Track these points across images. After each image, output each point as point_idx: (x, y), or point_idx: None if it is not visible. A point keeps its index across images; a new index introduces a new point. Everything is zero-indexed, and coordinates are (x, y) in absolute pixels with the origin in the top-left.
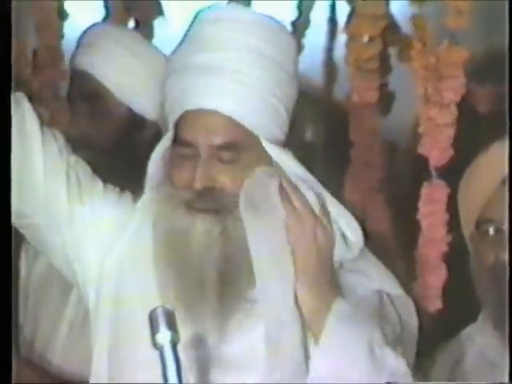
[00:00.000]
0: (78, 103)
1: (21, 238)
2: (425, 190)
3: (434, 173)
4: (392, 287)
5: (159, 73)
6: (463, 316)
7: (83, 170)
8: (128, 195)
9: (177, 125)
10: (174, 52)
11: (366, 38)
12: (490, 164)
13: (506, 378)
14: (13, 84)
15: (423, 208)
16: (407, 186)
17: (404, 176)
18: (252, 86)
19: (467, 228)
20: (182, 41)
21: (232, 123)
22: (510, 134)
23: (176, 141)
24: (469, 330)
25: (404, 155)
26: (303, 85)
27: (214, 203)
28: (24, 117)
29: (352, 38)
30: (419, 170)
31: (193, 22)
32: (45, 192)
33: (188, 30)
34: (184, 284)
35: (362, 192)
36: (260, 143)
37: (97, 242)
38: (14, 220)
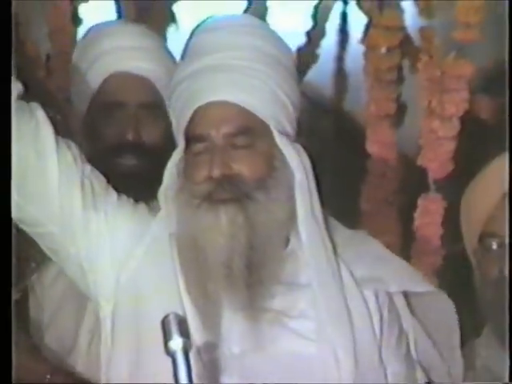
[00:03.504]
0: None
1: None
2: (421, 202)
3: (432, 185)
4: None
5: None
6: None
7: (98, 179)
8: (143, 206)
9: (188, 125)
10: (178, 64)
11: (384, 49)
12: (494, 178)
13: (506, 378)
14: (14, 86)
15: (418, 220)
16: (410, 198)
17: (408, 188)
18: (258, 78)
19: (470, 242)
20: (184, 53)
21: (242, 111)
22: (511, 147)
23: (189, 142)
24: (472, 344)
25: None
26: (315, 94)
27: (233, 191)
28: (38, 126)
29: (370, 49)
30: (419, 182)
31: (192, 34)
32: (59, 200)
33: (188, 42)
34: (213, 277)
35: (376, 203)
36: (271, 133)
37: (112, 252)
38: (29, 229)
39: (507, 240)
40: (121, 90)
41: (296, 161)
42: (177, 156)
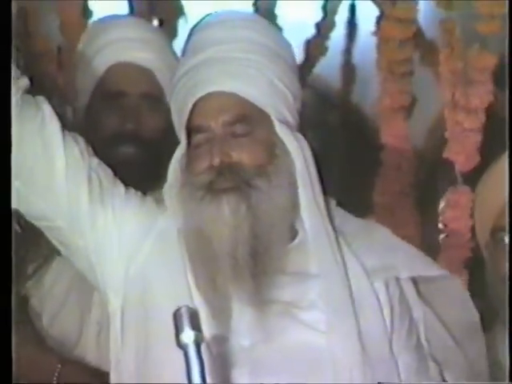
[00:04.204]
0: (130, 98)
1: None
2: (450, 195)
3: (459, 178)
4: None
5: None
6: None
7: (105, 172)
8: (150, 199)
9: (189, 118)
10: (178, 63)
11: (397, 42)
12: (504, 172)
13: (506, 378)
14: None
15: (448, 213)
16: (430, 191)
17: (427, 181)
18: (255, 68)
19: (482, 236)
20: (183, 51)
21: (240, 100)
22: (511, 144)
23: (190, 136)
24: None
25: (425, 160)
26: (323, 86)
27: (234, 179)
28: (45, 120)
29: (383, 41)
30: (441, 175)
31: (190, 32)
32: (67, 194)
33: (187, 40)
34: (220, 269)
35: (391, 195)
36: (271, 122)
37: (120, 245)
38: (37, 222)
39: (507, 239)
40: (123, 79)
41: (296, 149)
42: (179, 152)
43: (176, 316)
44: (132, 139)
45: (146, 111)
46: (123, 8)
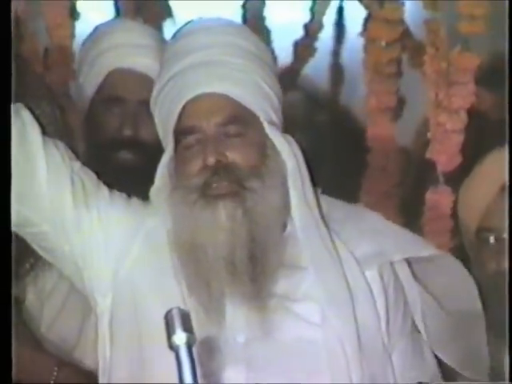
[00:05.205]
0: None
1: None
2: (430, 195)
3: (441, 178)
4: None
5: None
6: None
7: (88, 175)
8: (136, 201)
9: (178, 121)
10: (159, 72)
11: (384, 42)
12: (489, 172)
13: (507, 378)
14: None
15: (428, 213)
16: (415, 191)
17: (412, 181)
18: (241, 71)
19: (467, 236)
20: (165, 59)
21: (231, 101)
22: (510, 141)
23: (178, 139)
24: None
25: (412, 160)
26: (311, 88)
27: (229, 179)
28: (25, 126)
29: (370, 42)
30: (426, 175)
31: (171, 40)
32: (50, 199)
33: (169, 47)
34: (215, 273)
35: (376, 195)
36: (260, 123)
37: (106, 247)
38: (20, 229)
39: (506, 235)
40: (121, 86)
41: (287, 149)
42: (167, 156)
43: (167, 318)
44: (130, 145)
45: (145, 117)
46: (109, 8)
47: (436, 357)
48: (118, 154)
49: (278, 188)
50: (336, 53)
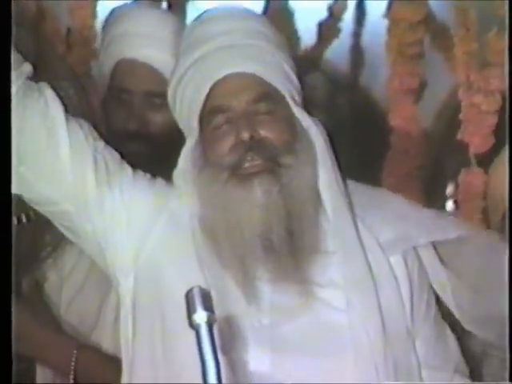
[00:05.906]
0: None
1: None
2: (463, 177)
3: (473, 160)
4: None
5: None
6: None
7: (111, 155)
8: (161, 181)
9: (205, 102)
10: (178, 60)
11: (407, 23)
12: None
13: (507, 378)
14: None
15: (460, 194)
16: (438, 173)
17: (434, 163)
18: (265, 53)
19: (494, 218)
20: (184, 46)
21: (259, 80)
22: (510, 141)
23: (205, 120)
24: None
25: (433, 142)
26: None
27: (264, 162)
28: (48, 105)
29: (394, 23)
30: (448, 157)
31: (188, 28)
32: (72, 177)
33: (187, 35)
34: (251, 250)
35: (398, 177)
36: (287, 103)
37: (128, 227)
38: (42, 208)
39: (507, 236)
40: (128, 77)
41: (314, 129)
42: (192, 140)
43: (188, 297)
44: (137, 137)
45: (151, 110)
46: None
47: (459, 344)
48: (127, 145)
49: (310, 165)
50: (357, 34)
